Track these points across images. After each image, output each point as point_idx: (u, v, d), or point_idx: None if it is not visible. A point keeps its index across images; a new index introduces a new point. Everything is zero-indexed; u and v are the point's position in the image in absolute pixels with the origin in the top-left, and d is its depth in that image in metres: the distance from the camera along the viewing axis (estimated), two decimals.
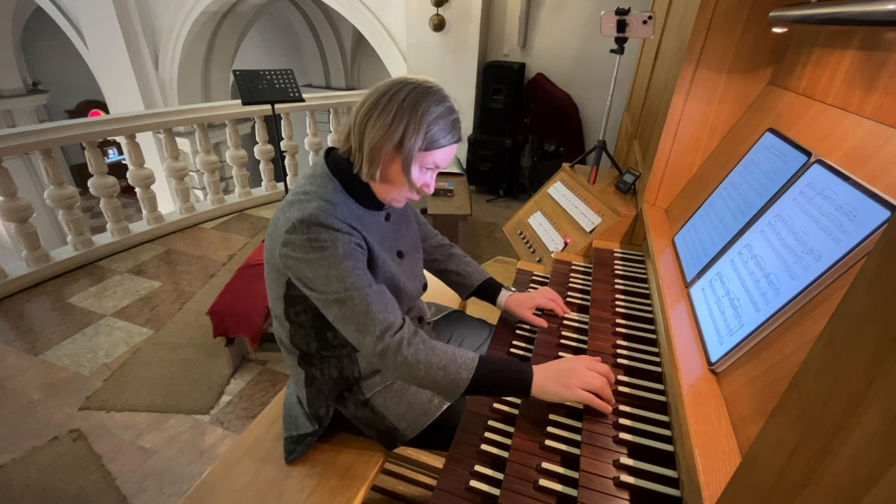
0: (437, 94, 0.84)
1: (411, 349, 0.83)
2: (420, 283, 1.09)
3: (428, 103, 0.83)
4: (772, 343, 0.70)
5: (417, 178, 0.87)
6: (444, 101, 0.85)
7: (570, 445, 0.83)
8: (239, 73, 3.08)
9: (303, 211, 0.82)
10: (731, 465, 0.62)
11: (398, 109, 0.82)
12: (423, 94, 0.83)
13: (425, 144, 0.83)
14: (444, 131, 0.85)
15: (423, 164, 0.87)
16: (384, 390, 1.05)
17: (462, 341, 1.29)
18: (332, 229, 0.82)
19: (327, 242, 0.81)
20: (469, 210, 3.05)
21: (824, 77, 0.97)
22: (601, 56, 3.69)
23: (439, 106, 0.84)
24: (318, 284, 0.83)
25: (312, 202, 0.84)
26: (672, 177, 1.41)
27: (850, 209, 0.68)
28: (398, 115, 0.82)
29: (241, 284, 2.21)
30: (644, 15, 1.55)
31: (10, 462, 1.72)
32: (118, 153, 9.39)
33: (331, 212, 0.83)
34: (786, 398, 0.40)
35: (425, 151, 0.84)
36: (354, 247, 0.84)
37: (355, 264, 0.83)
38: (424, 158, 0.86)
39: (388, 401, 1.04)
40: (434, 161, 0.87)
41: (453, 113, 0.86)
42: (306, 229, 0.81)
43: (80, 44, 5.79)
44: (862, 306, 0.33)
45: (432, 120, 0.83)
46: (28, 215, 2.72)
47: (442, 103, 0.84)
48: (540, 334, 1.12)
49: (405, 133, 0.82)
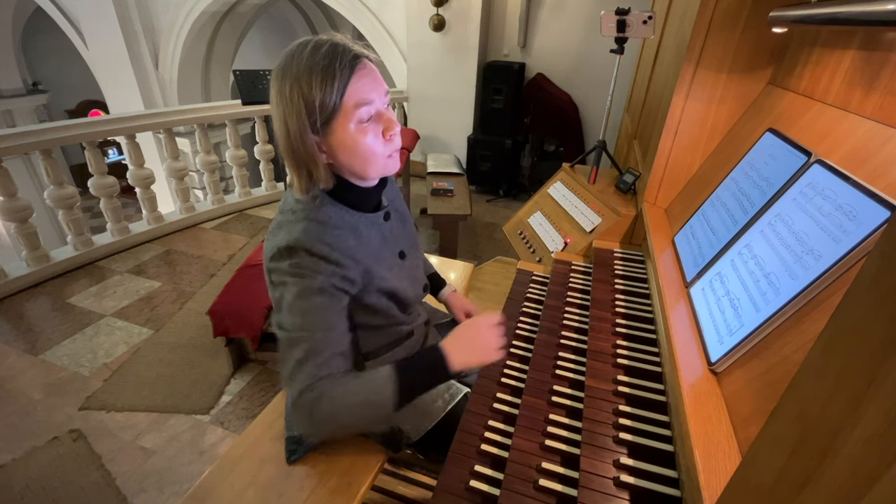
0: (300, 49, 0.73)
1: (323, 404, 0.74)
2: (421, 285, 1.06)
3: (297, 63, 0.72)
4: (772, 343, 0.70)
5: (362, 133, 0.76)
6: (304, 48, 0.73)
7: (570, 445, 0.83)
8: (239, 73, 3.07)
9: (289, 235, 0.77)
10: (731, 465, 0.62)
11: (277, 98, 0.73)
12: (289, 60, 0.73)
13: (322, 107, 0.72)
14: (327, 73, 0.71)
15: (352, 118, 0.74)
16: None
17: None
18: (317, 256, 0.76)
19: (307, 271, 0.75)
20: (469, 210, 3.04)
21: (824, 77, 0.97)
22: (601, 56, 3.69)
23: (303, 56, 0.72)
24: (283, 307, 0.77)
25: (299, 223, 0.78)
26: (672, 177, 1.42)
27: (850, 209, 0.68)
28: (280, 102, 0.73)
29: (241, 284, 2.21)
30: (644, 15, 1.55)
31: (10, 462, 1.72)
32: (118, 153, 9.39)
33: (318, 235, 0.77)
34: (786, 398, 0.40)
35: (336, 112, 0.73)
36: (335, 282, 0.78)
37: (326, 303, 0.77)
38: (342, 115, 0.74)
39: None
40: (356, 103, 0.73)
41: (321, 46, 0.72)
42: (290, 255, 0.76)
43: (80, 44, 5.79)
44: (862, 306, 0.33)
45: (305, 79, 0.71)
46: (28, 215, 2.72)
47: (305, 49, 0.73)
48: (540, 334, 1.12)
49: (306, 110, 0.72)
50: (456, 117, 4.50)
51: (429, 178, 3.52)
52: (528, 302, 1.31)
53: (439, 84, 4.36)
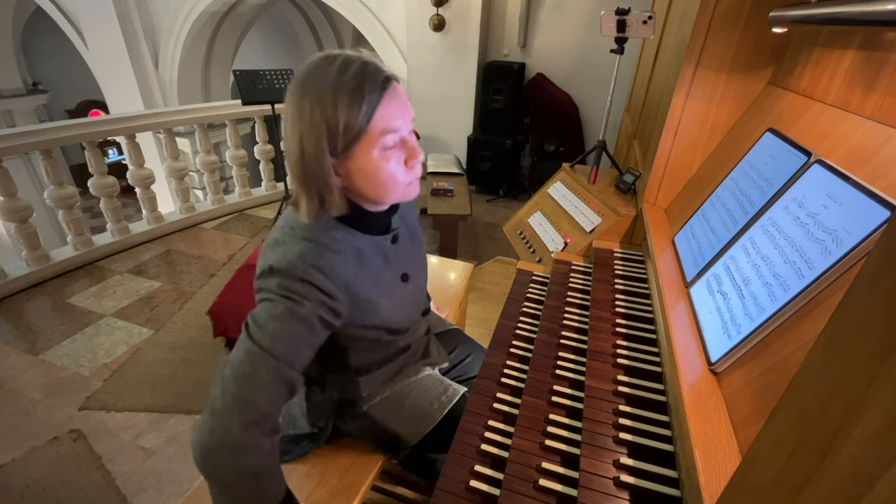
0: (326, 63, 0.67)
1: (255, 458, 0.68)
2: (420, 309, 0.99)
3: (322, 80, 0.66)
4: (772, 343, 0.70)
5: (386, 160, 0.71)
6: (331, 64, 0.67)
7: (570, 445, 0.83)
8: (239, 73, 3.08)
9: (284, 256, 0.71)
10: (731, 465, 0.62)
11: (295, 115, 0.68)
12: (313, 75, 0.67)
13: (346, 131, 0.67)
14: (356, 95, 0.65)
15: (376, 143, 0.69)
16: (383, 401, 1.01)
17: (466, 359, 1.26)
18: (308, 284, 0.70)
19: (295, 295, 0.69)
20: (469, 210, 3.04)
21: (824, 77, 0.97)
22: (601, 56, 3.69)
23: (330, 73, 0.66)
24: (257, 320, 0.70)
25: (297, 245, 0.72)
26: (672, 177, 1.41)
27: (850, 209, 0.68)
28: (298, 120, 0.68)
29: (241, 284, 2.21)
30: (644, 15, 1.55)
31: (10, 462, 1.72)
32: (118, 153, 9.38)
33: (315, 260, 0.71)
34: (786, 398, 0.40)
35: (360, 137, 0.68)
36: (321, 313, 0.72)
37: (302, 333, 0.71)
38: (367, 140, 0.68)
39: (388, 409, 1.01)
40: (382, 129, 0.68)
41: (351, 65, 0.66)
42: (280, 277, 0.70)
43: (79, 44, 5.79)
44: (862, 306, 0.33)
45: (331, 98, 0.65)
46: (28, 215, 2.72)
47: (332, 65, 0.66)
48: (540, 334, 1.12)
49: (327, 132, 0.66)
50: (456, 117, 4.50)
51: (429, 178, 3.52)
52: (528, 302, 1.31)
53: (439, 84, 4.36)
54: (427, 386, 1.05)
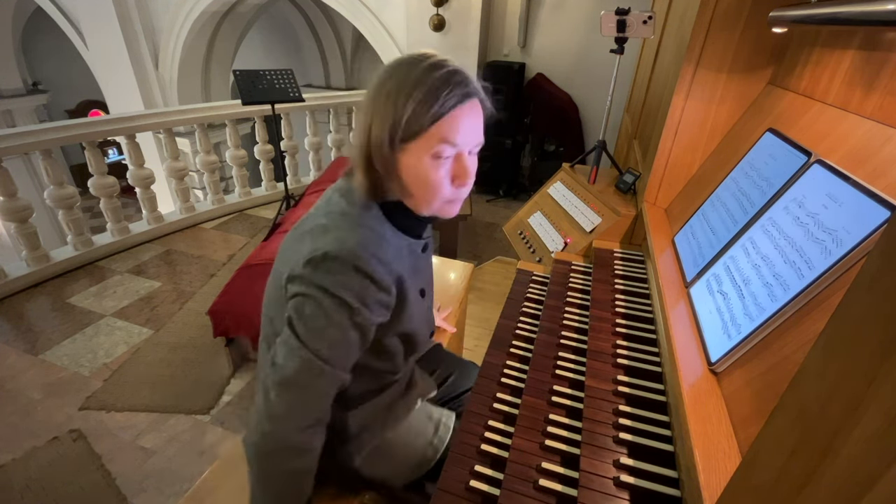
0: (420, 59, 0.68)
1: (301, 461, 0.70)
2: (430, 329, 0.95)
3: (408, 71, 0.67)
4: (772, 343, 0.70)
5: (434, 170, 0.69)
6: (423, 60, 0.67)
7: (570, 445, 0.83)
8: (239, 73, 3.08)
9: (340, 242, 0.66)
10: (731, 465, 0.62)
11: (374, 95, 0.68)
12: (404, 65, 0.68)
13: (409, 124, 0.66)
14: (431, 96, 0.65)
15: (430, 149, 0.68)
16: (374, 452, 0.93)
17: (449, 378, 1.19)
18: (366, 277, 0.67)
19: (350, 296, 0.66)
20: (469, 210, 3.05)
21: (824, 77, 0.97)
22: (601, 56, 3.69)
23: (418, 67, 0.66)
24: (310, 323, 0.67)
25: (353, 230, 0.68)
26: (672, 177, 1.41)
27: (850, 209, 0.68)
28: (375, 100, 0.68)
29: (241, 284, 2.20)
30: (644, 15, 1.55)
31: (10, 462, 1.72)
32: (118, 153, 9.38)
33: (375, 249, 0.68)
34: (786, 398, 0.40)
35: (418, 136, 0.67)
36: (375, 316, 0.71)
37: (358, 340, 0.70)
38: (423, 143, 0.68)
39: (379, 463, 0.94)
40: (441, 138, 0.67)
41: (441, 68, 0.66)
42: (335, 268, 0.66)
43: (79, 44, 5.79)
44: (862, 306, 0.33)
45: (409, 90, 0.65)
46: (28, 215, 2.72)
47: (423, 62, 0.67)
48: (540, 334, 1.12)
49: (392, 119, 0.66)
50: None
51: None
52: (528, 302, 1.31)
53: None
54: (418, 429, 0.99)
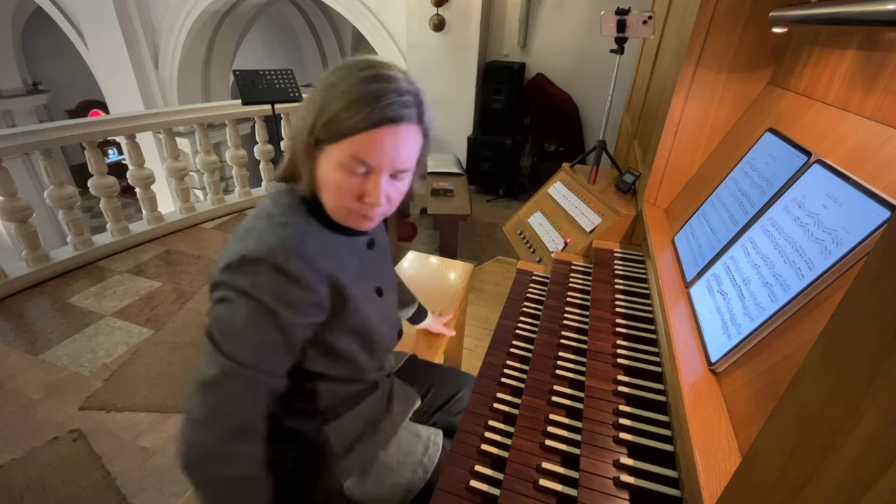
0: (364, 67, 0.64)
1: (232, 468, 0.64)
2: (396, 329, 0.93)
3: (346, 75, 0.63)
4: (772, 343, 0.70)
5: (341, 180, 0.65)
6: (366, 69, 0.63)
7: (570, 445, 0.83)
8: (239, 73, 3.08)
9: (259, 243, 0.63)
10: (731, 465, 0.62)
11: (312, 90, 0.66)
12: (349, 67, 0.65)
13: (326, 127, 0.63)
14: (352, 107, 0.61)
15: (340, 160, 0.64)
16: (361, 478, 0.90)
17: (431, 389, 1.15)
18: (286, 277, 0.63)
19: (269, 297, 0.62)
20: (469, 210, 3.05)
21: (824, 77, 0.97)
22: (601, 56, 3.69)
23: (356, 75, 0.63)
24: (224, 326, 0.63)
25: (274, 231, 0.66)
26: (672, 177, 1.42)
27: (850, 209, 0.68)
28: (311, 94, 0.66)
29: None
30: (644, 15, 1.55)
31: (10, 462, 1.72)
32: (118, 153, 9.38)
33: (296, 247, 0.65)
34: (786, 398, 0.40)
35: (333, 142, 0.64)
36: (300, 314, 0.66)
37: (280, 341, 0.65)
38: (336, 150, 0.64)
39: (369, 485, 0.90)
40: (352, 154, 0.63)
41: (377, 82, 0.62)
42: (253, 271, 0.62)
43: (80, 44, 5.79)
44: (862, 306, 0.33)
45: (338, 92, 0.62)
46: (28, 215, 2.72)
47: (365, 71, 0.63)
48: (540, 334, 1.12)
49: (315, 115, 0.64)
50: (456, 117, 4.50)
51: (429, 177, 3.53)
52: (528, 302, 1.31)
53: (439, 84, 4.36)
54: (406, 449, 0.96)
